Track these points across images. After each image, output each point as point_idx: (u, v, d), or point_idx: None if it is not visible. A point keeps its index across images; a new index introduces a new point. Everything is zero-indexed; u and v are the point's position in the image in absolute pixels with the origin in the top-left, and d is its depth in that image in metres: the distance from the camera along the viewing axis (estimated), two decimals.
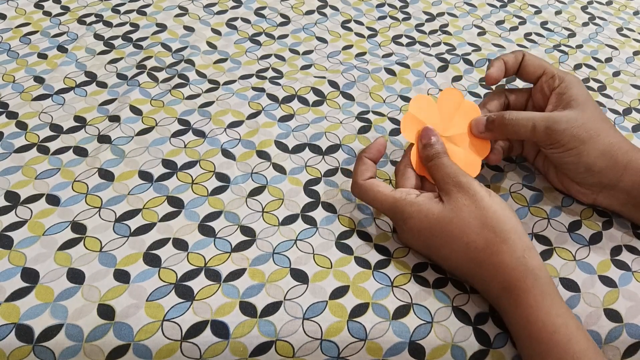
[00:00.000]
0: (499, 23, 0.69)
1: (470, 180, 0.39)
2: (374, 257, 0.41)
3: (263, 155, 0.47)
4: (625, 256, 0.43)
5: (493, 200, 0.38)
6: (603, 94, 0.59)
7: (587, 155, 0.41)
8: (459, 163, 0.41)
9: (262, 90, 0.54)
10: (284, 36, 0.62)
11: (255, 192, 0.44)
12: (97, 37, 0.59)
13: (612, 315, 0.39)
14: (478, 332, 0.37)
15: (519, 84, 0.59)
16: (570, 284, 0.40)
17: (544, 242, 0.43)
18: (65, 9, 0.63)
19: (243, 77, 0.56)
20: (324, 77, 0.56)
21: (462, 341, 0.37)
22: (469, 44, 0.64)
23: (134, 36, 0.59)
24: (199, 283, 0.37)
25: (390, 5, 0.70)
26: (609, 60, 0.65)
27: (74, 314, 0.35)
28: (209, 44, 0.60)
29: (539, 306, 0.34)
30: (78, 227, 0.40)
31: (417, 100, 0.45)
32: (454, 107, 0.45)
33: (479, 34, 0.66)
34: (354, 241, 0.42)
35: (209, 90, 0.54)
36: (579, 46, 0.66)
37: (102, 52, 0.57)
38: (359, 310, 0.37)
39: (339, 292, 0.38)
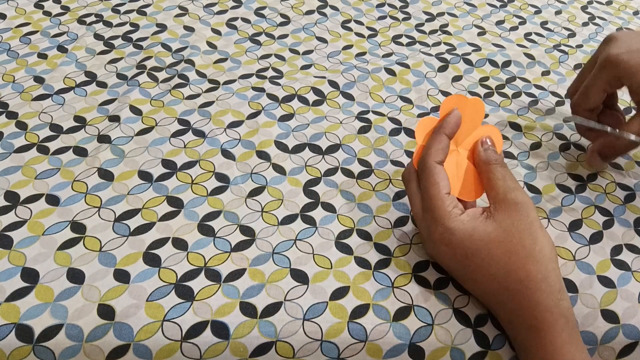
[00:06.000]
0: (499, 23, 0.69)
1: (527, 200, 0.36)
2: (374, 256, 0.41)
3: (263, 155, 0.47)
4: (626, 255, 0.43)
5: (544, 233, 0.36)
6: None
7: None
8: (470, 176, 0.40)
9: (262, 90, 0.54)
10: (284, 36, 0.62)
11: (255, 192, 0.44)
12: (97, 37, 0.59)
13: (609, 316, 0.39)
14: (477, 334, 0.37)
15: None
16: (568, 285, 0.40)
17: None
18: (65, 9, 0.63)
19: (243, 77, 0.56)
20: (324, 77, 0.56)
21: (461, 343, 0.37)
22: (469, 43, 0.64)
23: (134, 36, 0.59)
24: (199, 283, 0.37)
25: (390, 5, 0.70)
26: None
27: (74, 314, 0.35)
28: (209, 43, 0.60)
29: (564, 351, 0.33)
30: (78, 227, 0.40)
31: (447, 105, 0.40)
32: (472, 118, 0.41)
33: (479, 34, 0.66)
34: (353, 240, 0.42)
35: (209, 90, 0.54)
36: (579, 46, 0.66)
37: (102, 52, 0.57)
38: (360, 311, 0.37)
39: (340, 293, 0.38)
